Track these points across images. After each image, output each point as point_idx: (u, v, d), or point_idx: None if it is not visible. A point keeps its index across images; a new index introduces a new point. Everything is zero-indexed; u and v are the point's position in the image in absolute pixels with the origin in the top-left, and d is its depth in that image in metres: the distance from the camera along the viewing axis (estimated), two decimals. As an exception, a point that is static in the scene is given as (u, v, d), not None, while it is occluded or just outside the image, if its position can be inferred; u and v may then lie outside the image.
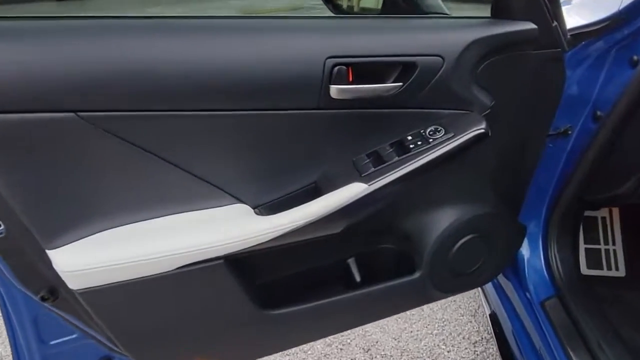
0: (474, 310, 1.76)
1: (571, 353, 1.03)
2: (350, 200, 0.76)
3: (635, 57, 0.97)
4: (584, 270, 1.39)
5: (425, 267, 0.96)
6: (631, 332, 1.19)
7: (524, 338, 1.23)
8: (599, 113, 1.06)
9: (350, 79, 0.73)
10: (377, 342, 1.63)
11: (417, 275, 0.97)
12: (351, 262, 1.00)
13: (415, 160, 0.77)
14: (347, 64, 0.71)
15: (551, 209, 1.23)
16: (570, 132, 1.15)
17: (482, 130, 0.79)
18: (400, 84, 0.76)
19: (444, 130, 0.80)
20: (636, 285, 1.35)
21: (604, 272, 1.38)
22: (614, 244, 1.41)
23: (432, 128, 0.81)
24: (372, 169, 0.78)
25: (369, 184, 0.76)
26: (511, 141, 0.97)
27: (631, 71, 0.98)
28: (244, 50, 0.68)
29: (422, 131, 0.81)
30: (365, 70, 0.75)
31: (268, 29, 0.70)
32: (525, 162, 1.04)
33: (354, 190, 0.76)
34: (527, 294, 1.24)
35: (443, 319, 1.73)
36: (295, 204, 0.78)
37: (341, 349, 1.60)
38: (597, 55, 1.07)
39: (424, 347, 1.61)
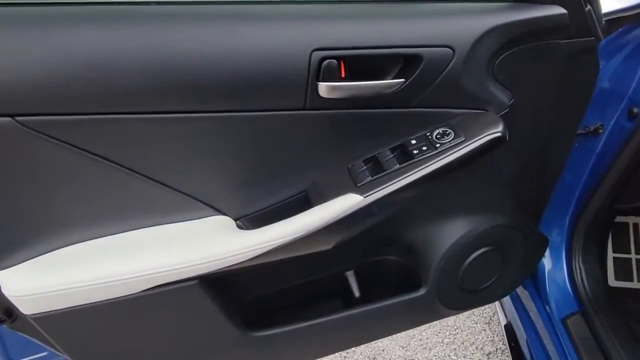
0: (488, 318, 1.66)
1: (596, 381, 0.93)
2: (344, 214, 0.66)
3: (681, 45, 0.84)
4: (612, 281, 1.27)
5: (431, 283, 0.86)
6: (664, 354, 1.07)
7: (542, 356, 1.12)
8: (635, 110, 0.94)
9: (343, 74, 0.62)
10: (383, 351, 1.54)
11: (422, 292, 0.87)
12: (350, 275, 0.91)
13: (419, 168, 0.67)
14: (338, 58, 0.61)
15: (576, 216, 1.11)
16: (601, 131, 1.03)
17: (499, 134, 0.68)
18: (403, 80, 0.65)
19: (453, 134, 0.69)
20: None
21: (635, 284, 1.26)
22: (646, 253, 1.27)
23: (440, 131, 0.70)
24: (369, 178, 0.68)
25: (365, 195, 0.66)
26: (533, 143, 0.85)
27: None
28: (216, 42, 0.59)
29: (428, 134, 0.70)
30: (360, 64, 0.64)
31: (243, 16, 0.60)
32: (549, 166, 0.92)
33: (347, 203, 0.66)
34: (548, 309, 1.13)
35: (455, 327, 1.62)
36: (282, 215, 0.69)
37: (345, 357, 1.52)
38: (636, 44, 0.94)
39: (434, 357, 1.51)
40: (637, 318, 1.14)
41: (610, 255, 1.29)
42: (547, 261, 1.16)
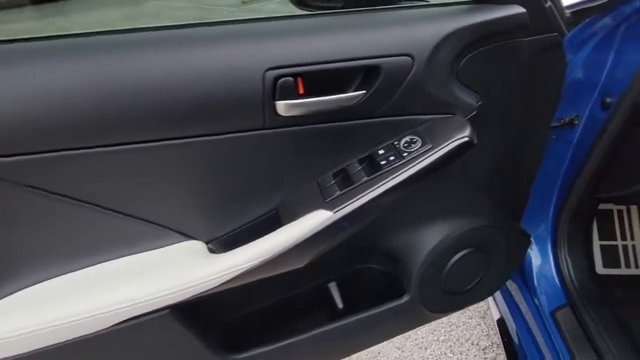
0: (483, 312, 1.65)
1: (585, 372, 0.92)
2: (314, 231, 0.65)
3: (649, 34, 0.84)
4: (600, 269, 1.27)
5: (414, 289, 0.85)
6: (655, 341, 1.07)
7: (534, 350, 1.12)
8: (608, 100, 0.93)
9: (301, 91, 0.61)
10: (379, 353, 1.54)
11: (406, 298, 0.86)
12: (332, 286, 0.90)
13: (388, 179, 0.66)
14: (294, 75, 0.60)
15: (559, 208, 1.11)
16: (576, 122, 1.03)
17: (466, 139, 0.67)
18: (364, 91, 0.64)
19: (420, 141, 0.68)
20: None
21: (622, 271, 1.26)
22: (632, 239, 1.27)
23: (408, 139, 0.69)
24: (338, 193, 0.67)
25: (334, 210, 0.65)
26: (507, 142, 0.84)
27: (644, 50, 0.84)
28: (168, 68, 0.58)
29: (395, 143, 0.69)
30: (319, 79, 0.63)
31: (193, 40, 0.59)
32: (525, 163, 0.92)
33: (317, 219, 0.65)
34: (537, 302, 1.13)
35: (450, 323, 1.62)
36: (254, 235, 0.68)
37: (341, 362, 1.51)
38: (604, 33, 0.93)
39: (430, 356, 1.51)
40: (624, 305, 1.14)
41: (597, 243, 1.28)
42: (534, 255, 1.16)
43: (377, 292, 0.92)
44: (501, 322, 1.34)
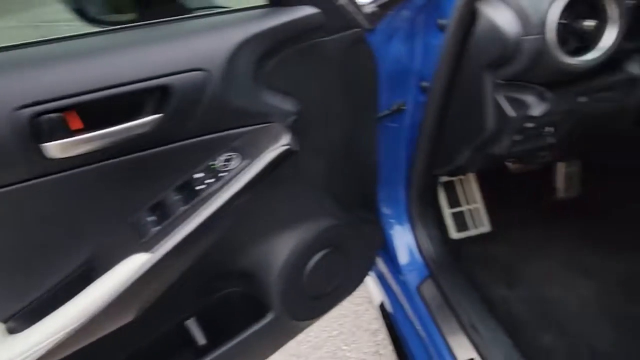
0: (369, 296, 1.71)
1: (448, 339, 0.99)
2: (132, 279, 0.57)
3: (440, 21, 0.91)
4: (455, 234, 1.39)
5: (277, 304, 0.82)
6: (503, 290, 1.21)
7: (408, 327, 1.18)
8: (424, 84, 1.00)
9: (78, 125, 0.52)
10: (276, 366, 1.49)
11: (272, 315, 0.83)
12: (190, 323, 0.82)
13: (207, 204, 0.61)
14: (59, 109, 0.50)
15: (409, 187, 1.18)
16: (404, 107, 1.08)
17: (286, 147, 0.65)
18: (161, 114, 0.58)
19: (238, 157, 0.64)
20: (501, 236, 1.38)
21: (472, 232, 1.40)
22: (474, 202, 1.42)
23: (225, 157, 0.64)
24: (154, 230, 0.60)
25: (151, 251, 0.58)
26: (336, 140, 0.85)
27: (441, 36, 0.92)
28: None
29: (212, 163, 0.64)
30: (104, 108, 0.55)
31: None
32: (361, 155, 0.94)
33: (132, 266, 0.57)
34: (404, 280, 1.19)
35: (340, 315, 1.65)
36: (65, 299, 0.57)
37: (239, 387, 1.44)
38: (407, 25, 0.99)
39: (326, 354, 1.52)
40: (475, 262, 1.27)
41: (448, 211, 1.41)
42: (396, 235, 1.22)
43: (244, 316, 0.87)
44: (382, 306, 1.40)
